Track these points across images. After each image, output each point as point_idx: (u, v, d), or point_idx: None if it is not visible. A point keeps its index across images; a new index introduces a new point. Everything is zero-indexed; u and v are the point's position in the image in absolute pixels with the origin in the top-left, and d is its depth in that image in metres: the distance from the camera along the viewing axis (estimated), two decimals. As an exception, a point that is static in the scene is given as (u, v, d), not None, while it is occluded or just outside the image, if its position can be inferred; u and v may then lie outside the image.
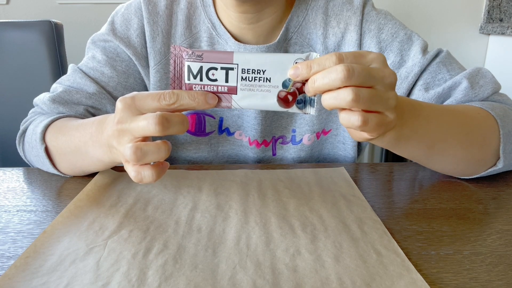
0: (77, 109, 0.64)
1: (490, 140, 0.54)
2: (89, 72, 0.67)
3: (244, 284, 0.35)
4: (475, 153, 0.54)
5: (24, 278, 0.36)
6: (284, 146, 0.73)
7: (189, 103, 0.40)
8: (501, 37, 1.74)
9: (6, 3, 1.72)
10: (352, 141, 0.72)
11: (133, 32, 0.67)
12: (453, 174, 0.59)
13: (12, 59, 1.04)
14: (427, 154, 0.52)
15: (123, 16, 0.68)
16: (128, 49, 0.67)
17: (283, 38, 0.67)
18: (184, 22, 0.68)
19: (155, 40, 0.67)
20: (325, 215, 0.47)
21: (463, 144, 0.53)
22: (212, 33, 0.67)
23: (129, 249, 0.40)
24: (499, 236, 0.44)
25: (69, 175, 0.60)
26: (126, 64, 0.68)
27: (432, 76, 0.64)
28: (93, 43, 0.69)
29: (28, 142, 0.61)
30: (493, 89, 0.61)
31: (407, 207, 0.51)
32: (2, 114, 1.08)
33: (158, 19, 0.67)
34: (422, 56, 0.64)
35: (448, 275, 0.37)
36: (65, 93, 0.64)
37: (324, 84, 0.38)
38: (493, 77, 0.62)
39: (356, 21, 0.66)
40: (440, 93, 0.62)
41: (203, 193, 0.53)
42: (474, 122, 0.54)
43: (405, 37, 0.66)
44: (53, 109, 0.63)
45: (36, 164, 0.62)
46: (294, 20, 0.67)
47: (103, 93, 0.66)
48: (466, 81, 0.60)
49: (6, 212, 0.49)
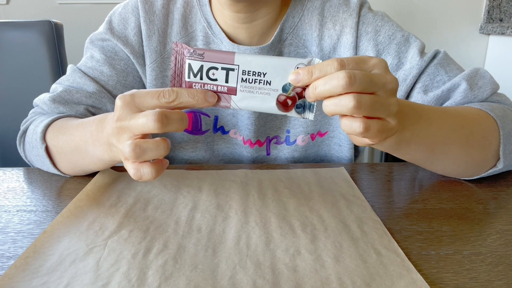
0: (78, 109, 0.64)
1: (491, 141, 0.54)
2: (88, 71, 0.67)
3: (244, 284, 0.35)
4: (476, 154, 0.54)
5: (24, 278, 0.36)
6: (278, 146, 0.73)
7: (189, 101, 0.40)
8: (501, 37, 1.74)
9: (6, 3, 1.72)
10: (349, 144, 0.72)
11: (130, 31, 0.67)
12: (454, 175, 0.59)
13: (12, 59, 1.04)
14: (428, 157, 0.52)
15: (121, 15, 0.69)
16: (126, 48, 0.67)
17: (277, 39, 0.67)
18: (180, 21, 0.68)
19: (151, 39, 0.67)
20: (325, 215, 0.47)
21: (464, 146, 0.53)
22: (207, 32, 0.68)
23: (129, 249, 0.40)
24: (499, 236, 0.44)
25: (69, 174, 0.60)
26: (124, 63, 0.68)
27: (430, 78, 0.64)
28: (91, 43, 0.69)
29: (29, 142, 0.61)
30: (492, 90, 0.61)
31: (407, 207, 0.51)
32: (2, 114, 1.08)
33: (155, 18, 0.67)
34: (420, 58, 0.64)
35: (448, 275, 0.37)
36: (65, 93, 0.64)
37: (325, 91, 0.38)
38: (492, 77, 0.62)
39: (352, 23, 0.66)
40: (439, 95, 0.62)
41: (203, 193, 0.53)
42: (475, 123, 0.54)
43: (402, 39, 0.66)
44: (54, 109, 0.63)
45: (37, 164, 0.62)
46: (289, 21, 0.67)
47: (103, 92, 0.66)
48: (465, 82, 0.60)
49: (6, 212, 0.49)
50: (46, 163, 0.58)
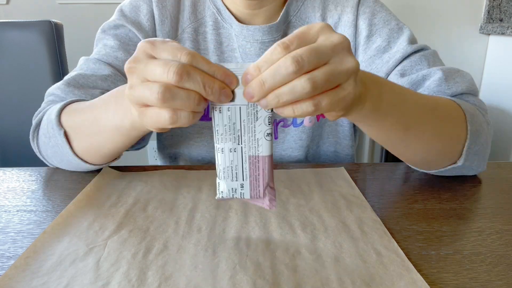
0: (93, 93, 0.63)
1: (459, 133, 0.53)
2: (102, 58, 0.67)
3: (244, 284, 0.35)
4: (446, 143, 0.53)
5: (24, 278, 0.36)
6: (285, 129, 0.74)
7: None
8: (501, 37, 1.74)
9: (6, 3, 1.72)
10: (348, 123, 0.75)
11: (143, 17, 0.69)
12: (420, 165, 0.58)
13: (12, 59, 1.04)
14: (403, 136, 0.51)
15: (131, 4, 0.70)
16: (140, 33, 0.69)
17: (282, 21, 0.70)
18: (190, 7, 0.71)
19: (164, 23, 0.70)
20: (325, 215, 0.47)
21: (436, 131, 0.52)
22: (217, 18, 0.71)
23: (129, 249, 0.40)
24: (499, 236, 0.44)
25: (86, 160, 0.57)
26: None
27: (411, 65, 0.64)
28: (103, 32, 0.70)
29: (44, 134, 0.58)
30: (467, 88, 0.60)
31: (407, 207, 0.51)
32: (2, 114, 1.08)
33: (167, 3, 0.70)
34: (407, 44, 0.65)
35: (448, 275, 0.37)
36: (79, 76, 0.64)
37: (275, 83, 0.34)
38: (472, 80, 0.62)
39: (353, 3, 0.70)
40: (413, 79, 0.62)
41: (203, 193, 0.53)
42: (447, 111, 0.54)
43: (396, 27, 0.68)
44: (68, 93, 0.62)
45: (53, 157, 0.59)
46: (293, 4, 0.71)
47: (118, 75, 0.66)
48: (441, 72, 0.60)
49: (6, 212, 0.49)
50: (65, 152, 0.55)
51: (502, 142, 1.72)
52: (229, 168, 0.38)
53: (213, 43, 0.71)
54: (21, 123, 1.02)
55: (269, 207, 0.40)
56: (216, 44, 0.71)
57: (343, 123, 0.75)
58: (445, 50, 1.81)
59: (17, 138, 1.08)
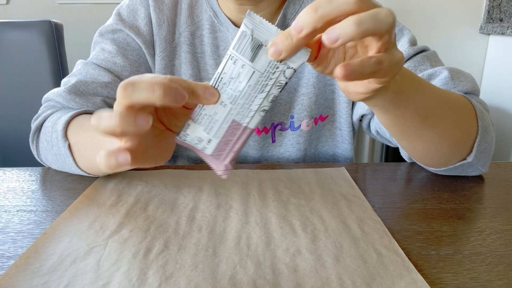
0: (94, 100, 0.64)
1: (472, 128, 0.53)
2: (101, 63, 0.67)
3: (244, 284, 0.35)
4: (460, 137, 0.53)
5: (25, 277, 0.36)
6: (283, 133, 0.74)
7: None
8: (501, 37, 1.74)
9: (6, 3, 1.72)
10: (348, 127, 0.74)
11: (141, 21, 0.69)
12: (429, 159, 0.57)
13: (12, 59, 1.04)
14: (419, 126, 0.50)
15: (129, 7, 0.70)
16: (138, 38, 0.68)
17: (280, 24, 0.69)
18: (187, 11, 0.70)
19: (161, 28, 0.69)
20: (326, 215, 0.47)
21: (452, 123, 0.52)
22: (214, 21, 0.70)
23: (130, 249, 0.40)
24: (499, 236, 0.44)
25: (88, 172, 0.57)
26: (137, 53, 0.69)
27: (415, 65, 0.64)
28: (100, 36, 0.70)
29: (47, 140, 0.58)
30: (472, 88, 0.60)
31: (407, 207, 0.51)
32: (2, 114, 1.08)
33: (164, 7, 0.69)
34: (408, 46, 0.65)
35: (448, 275, 0.37)
36: (80, 83, 0.63)
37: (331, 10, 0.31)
38: (475, 80, 0.62)
39: None
40: None
41: (204, 193, 0.53)
42: (460, 104, 0.54)
43: (396, 28, 0.68)
44: (70, 101, 0.62)
45: (54, 163, 0.59)
46: (290, 7, 0.69)
47: (118, 82, 0.66)
48: (447, 71, 0.60)
49: (6, 212, 0.49)
50: (68, 162, 0.56)
51: (502, 142, 1.72)
52: (209, 118, 0.36)
53: (210, 46, 0.70)
54: (21, 123, 1.02)
55: (222, 173, 0.38)
56: (213, 47, 0.70)
57: (342, 126, 0.74)
58: (445, 50, 1.81)
59: (17, 138, 1.08)
